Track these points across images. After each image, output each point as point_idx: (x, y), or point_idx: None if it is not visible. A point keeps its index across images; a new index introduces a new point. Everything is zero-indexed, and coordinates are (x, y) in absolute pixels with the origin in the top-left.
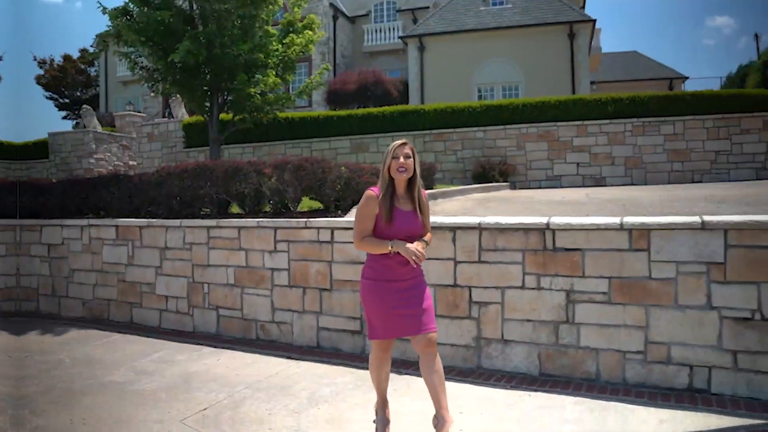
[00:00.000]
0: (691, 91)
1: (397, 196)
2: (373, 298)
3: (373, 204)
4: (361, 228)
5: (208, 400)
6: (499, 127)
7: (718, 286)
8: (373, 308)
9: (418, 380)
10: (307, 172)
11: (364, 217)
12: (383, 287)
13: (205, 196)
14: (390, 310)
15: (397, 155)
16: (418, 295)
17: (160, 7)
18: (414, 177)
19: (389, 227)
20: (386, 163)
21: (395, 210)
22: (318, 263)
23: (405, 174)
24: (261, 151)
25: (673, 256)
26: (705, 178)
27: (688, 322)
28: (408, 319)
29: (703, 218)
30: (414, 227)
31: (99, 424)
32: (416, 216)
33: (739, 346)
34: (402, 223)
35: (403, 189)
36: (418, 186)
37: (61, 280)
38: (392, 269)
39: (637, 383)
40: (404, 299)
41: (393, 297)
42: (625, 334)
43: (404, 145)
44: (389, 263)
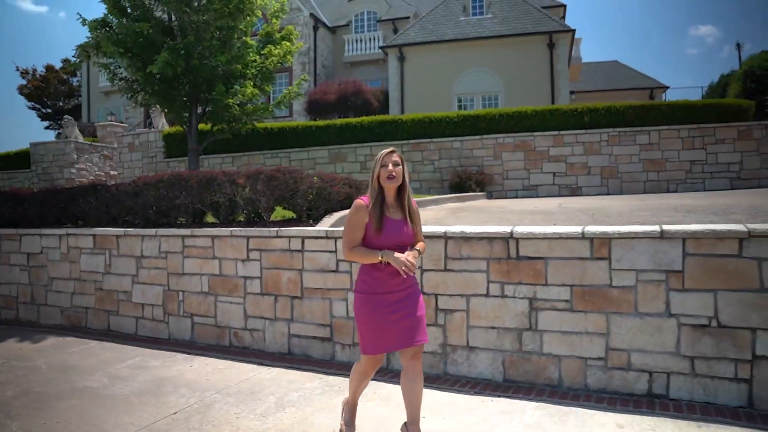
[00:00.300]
0: (667, 101)
1: (386, 204)
2: (366, 311)
3: (363, 213)
4: (351, 238)
5: (179, 404)
6: (476, 137)
7: (676, 293)
8: (366, 322)
9: (386, 386)
10: (279, 182)
11: (354, 227)
12: (376, 300)
13: (180, 206)
14: (383, 324)
15: (385, 163)
16: (411, 305)
17: (139, 19)
18: (403, 185)
19: (379, 236)
20: (375, 172)
21: (385, 219)
22: (289, 271)
23: (394, 182)
24: (240, 161)
25: (633, 264)
26: (680, 188)
27: (647, 329)
28: (401, 332)
29: (662, 227)
30: (404, 236)
31: (71, 427)
32: (406, 224)
33: (696, 353)
34: (392, 232)
35: (393, 197)
36: (408, 194)
37: (40, 288)
38: (384, 281)
39: (598, 389)
40: (397, 311)
41: (386, 310)
42: (587, 341)
43: (392, 153)
44: (381, 275)
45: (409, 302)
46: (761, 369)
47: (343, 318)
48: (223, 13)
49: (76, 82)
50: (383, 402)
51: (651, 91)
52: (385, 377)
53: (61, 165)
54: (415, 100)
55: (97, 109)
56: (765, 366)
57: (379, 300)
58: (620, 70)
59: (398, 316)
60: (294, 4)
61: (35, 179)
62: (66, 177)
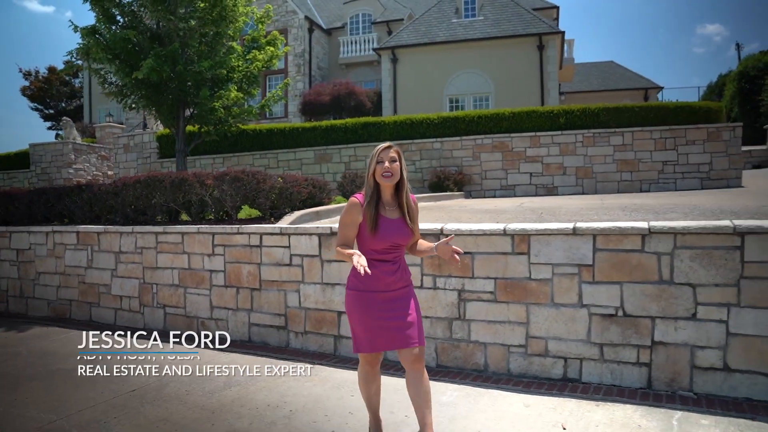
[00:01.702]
0: (640, 103)
1: (383, 203)
2: (356, 309)
3: (356, 212)
4: (341, 236)
5: (139, 383)
6: (455, 138)
7: (587, 285)
8: (356, 319)
9: (326, 369)
10: (243, 183)
11: (346, 225)
12: (367, 298)
13: (156, 205)
14: (374, 321)
15: (381, 159)
16: (403, 307)
17: (128, 26)
18: (401, 182)
19: (374, 237)
20: (371, 168)
21: (380, 218)
22: (249, 265)
23: (391, 179)
24: (230, 161)
25: (550, 258)
26: (653, 188)
27: (562, 318)
28: (393, 332)
29: (575, 225)
30: (401, 236)
31: (39, 402)
32: (404, 224)
33: (604, 340)
34: (388, 231)
35: (390, 195)
36: (406, 191)
37: (28, 282)
38: (376, 279)
39: (519, 374)
40: (388, 310)
41: (377, 308)
42: (509, 329)
43: (389, 149)
44: (374, 272)
45: (402, 303)
46: (659, 354)
47: (296, 308)
48: (206, 21)
49: (78, 84)
50: (320, 382)
51: (646, 91)
52: (331, 361)
53: (60, 165)
54: (408, 101)
55: (99, 111)
56: (662, 351)
57: (369, 298)
58: (615, 71)
59: (389, 315)
60: (289, 6)
61: (34, 179)
62: (64, 177)
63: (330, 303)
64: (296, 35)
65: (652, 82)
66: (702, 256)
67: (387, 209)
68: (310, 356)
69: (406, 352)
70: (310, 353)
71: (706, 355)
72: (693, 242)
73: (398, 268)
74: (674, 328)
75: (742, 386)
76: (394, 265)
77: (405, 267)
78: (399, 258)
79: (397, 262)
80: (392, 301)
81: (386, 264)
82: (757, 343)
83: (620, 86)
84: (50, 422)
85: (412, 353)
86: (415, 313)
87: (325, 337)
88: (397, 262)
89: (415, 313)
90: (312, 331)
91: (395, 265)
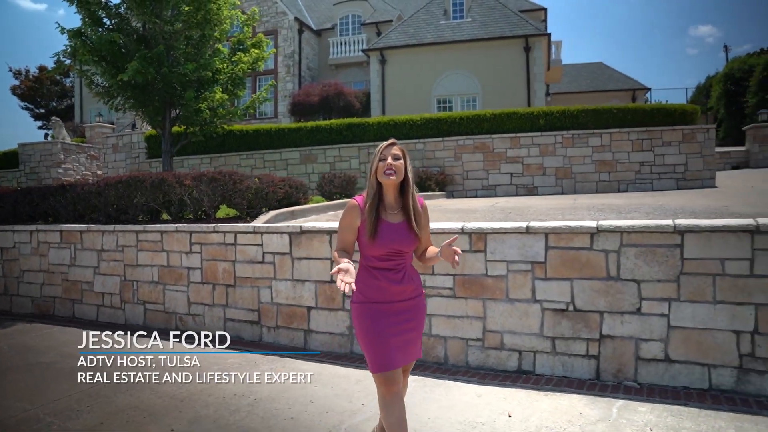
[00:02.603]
0: (618, 105)
1: (384, 205)
2: (364, 324)
3: (353, 215)
4: (339, 240)
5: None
6: (437, 139)
7: (540, 281)
8: (366, 336)
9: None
10: (220, 183)
11: (343, 229)
12: (374, 311)
13: (138, 204)
14: (383, 336)
15: (384, 156)
16: (416, 318)
17: (114, 29)
18: (406, 182)
19: (373, 243)
20: (373, 166)
21: (381, 223)
22: (224, 263)
23: (394, 178)
24: (218, 161)
25: (505, 256)
26: (630, 188)
27: (516, 313)
28: (405, 346)
29: (529, 224)
30: (404, 242)
31: (16, 391)
32: (408, 228)
33: (556, 334)
34: (389, 237)
35: (393, 197)
36: (411, 192)
37: (12, 280)
38: (383, 290)
39: (477, 366)
40: (400, 323)
41: (386, 322)
42: (467, 324)
43: (392, 146)
44: (378, 284)
45: (413, 314)
46: (606, 346)
47: (268, 304)
48: (191, 24)
49: (69, 83)
50: (287, 374)
51: (633, 92)
52: (300, 354)
53: (49, 165)
54: (396, 102)
55: (90, 110)
56: (609, 344)
57: (376, 310)
58: (604, 72)
59: (402, 329)
60: (279, 8)
61: (23, 178)
62: (53, 176)
63: (300, 299)
64: (286, 36)
65: (639, 83)
66: (646, 253)
67: (389, 212)
68: (281, 349)
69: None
70: (281, 346)
71: (650, 347)
72: (638, 240)
73: (404, 277)
74: (620, 322)
75: (681, 376)
76: (398, 274)
77: (412, 275)
78: (403, 266)
79: (401, 270)
80: (403, 313)
81: (390, 272)
82: (695, 335)
83: (608, 87)
84: (25, 411)
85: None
86: (422, 325)
87: (296, 331)
88: (401, 270)
89: (422, 325)
90: (283, 326)
91: (399, 273)
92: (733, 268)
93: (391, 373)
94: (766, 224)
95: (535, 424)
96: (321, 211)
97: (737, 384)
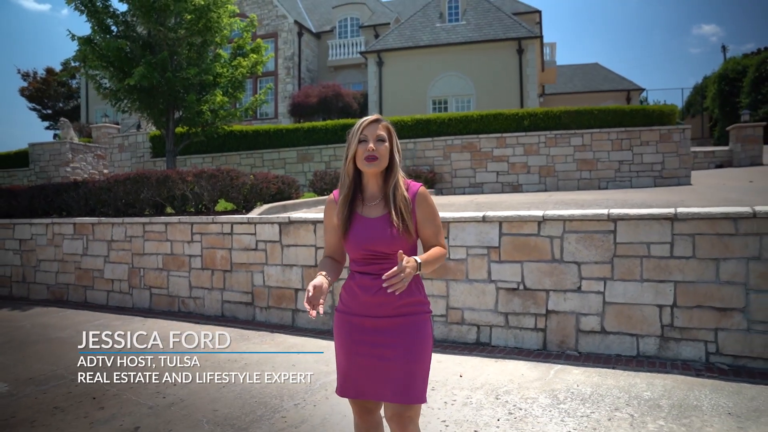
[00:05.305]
0: (599, 106)
1: (364, 197)
2: (339, 334)
3: (330, 212)
4: (325, 243)
5: (122, 347)
6: (427, 139)
7: (495, 264)
8: (337, 350)
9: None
10: (218, 179)
11: (326, 231)
12: (346, 322)
13: (144, 199)
14: (351, 357)
15: (365, 138)
16: (397, 345)
17: (121, 36)
18: (391, 168)
19: (347, 242)
20: (351, 150)
21: (355, 217)
22: (222, 250)
23: (375, 165)
24: (219, 160)
25: (465, 242)
26: (610, 186)
27: (475, 292)
28: (373, 375)
29: (485, 214)
30: (384, 241)
31: (42, 357)
32: (388, 224)
33: (509, 310)
34: (363, 235)
35: (377, 186)
36: (396, 181)
37: (29, 269)
38: (354, 297)
39: (441, 340)
40: (371, 345)
41: (355, 339)
42: (433, 302)
43: (376, 123)
44: (353, 290)
45: (387, 339)
46: (551, 320)
47: (261, 287)
48: (193, 31)
49: (75, 84)
50: (275, 345)
51: (628, 93)
52: (288, 331)
53: (57, 164)
54: (393, 103)
55: (96, 111)
56: (554, 318)
57: (353, 323)
58: (599, 73)
59: (372, 351)
60: (280, 11)
61: (33, 177)
62: (62, 175)
63: (288, 282)
64: (286, 39)
65: (634, 84)
66: (585, 238)
67: (367, 205)
68: (272, 327)
69: (391, 406)
70: (272, 325)
71: (588, 321)
72: (578, 227)
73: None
74: (564, 299)
75: (614, 345)
76: (376, 280)
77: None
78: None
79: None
80: (378, 333)
81: (367, 277)
82: (625, 309)
83: (603, 88)
84: (51, 371)
85: (394, 410)
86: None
87: (285, 311)
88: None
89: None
90: (274, 306)
91: (377, 280)
92: (657, 250)
93: (362, 402)
94: (683, 213)
95: (480, 381)
96: (311, 206)
97: (659, 350)
